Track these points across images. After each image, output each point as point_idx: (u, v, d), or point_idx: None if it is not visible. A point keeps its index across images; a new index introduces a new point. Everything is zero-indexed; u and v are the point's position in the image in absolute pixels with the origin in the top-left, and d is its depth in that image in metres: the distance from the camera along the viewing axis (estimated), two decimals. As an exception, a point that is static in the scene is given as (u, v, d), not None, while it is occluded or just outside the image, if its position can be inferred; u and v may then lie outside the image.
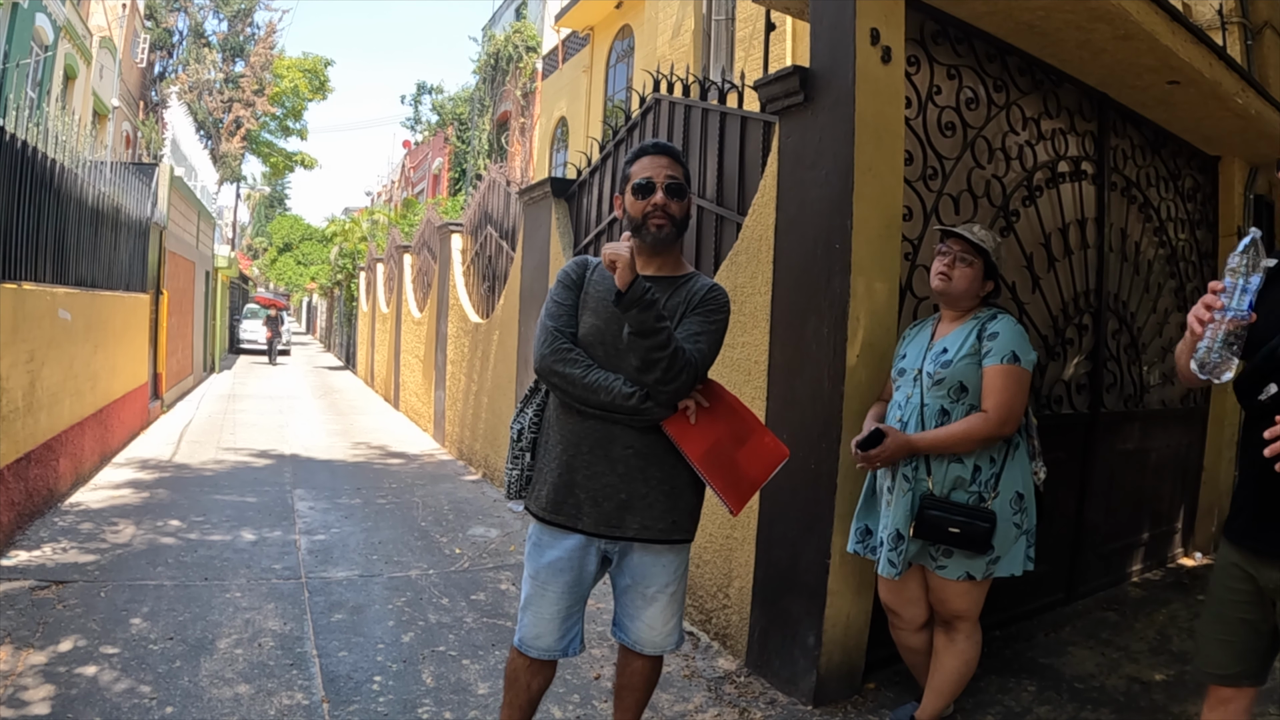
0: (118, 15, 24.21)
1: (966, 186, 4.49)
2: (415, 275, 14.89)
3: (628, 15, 18.89)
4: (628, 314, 2.55)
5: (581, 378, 2.68)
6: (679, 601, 2.93)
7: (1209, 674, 2.58)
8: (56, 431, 6.95)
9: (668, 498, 2.76)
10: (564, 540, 2.79)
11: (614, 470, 2.73)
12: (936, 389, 3.34)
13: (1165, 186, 6.18)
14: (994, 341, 3.30)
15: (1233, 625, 2.49)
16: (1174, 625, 5.15)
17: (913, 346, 3.56)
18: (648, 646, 2.93)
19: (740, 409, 2.84)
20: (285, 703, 3.69)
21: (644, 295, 2.53)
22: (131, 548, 5.81)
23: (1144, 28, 4.44)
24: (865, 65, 3.75)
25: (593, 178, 6.76)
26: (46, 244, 6.88)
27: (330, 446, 11.04)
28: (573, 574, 2.80)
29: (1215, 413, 6.77)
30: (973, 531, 3.21)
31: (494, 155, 27.00)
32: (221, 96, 34.68)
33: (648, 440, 2.73)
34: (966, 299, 3.42)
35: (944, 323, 3.51)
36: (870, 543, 3.57)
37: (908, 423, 3.37)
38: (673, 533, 2.79)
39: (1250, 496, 2.44)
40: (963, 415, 3.30)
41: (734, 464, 2.75)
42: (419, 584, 5.40)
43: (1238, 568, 2.46)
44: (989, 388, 3.29)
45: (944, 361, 3.34)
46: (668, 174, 2.79)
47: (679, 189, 2.79)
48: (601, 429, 2.73)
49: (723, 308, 2.81)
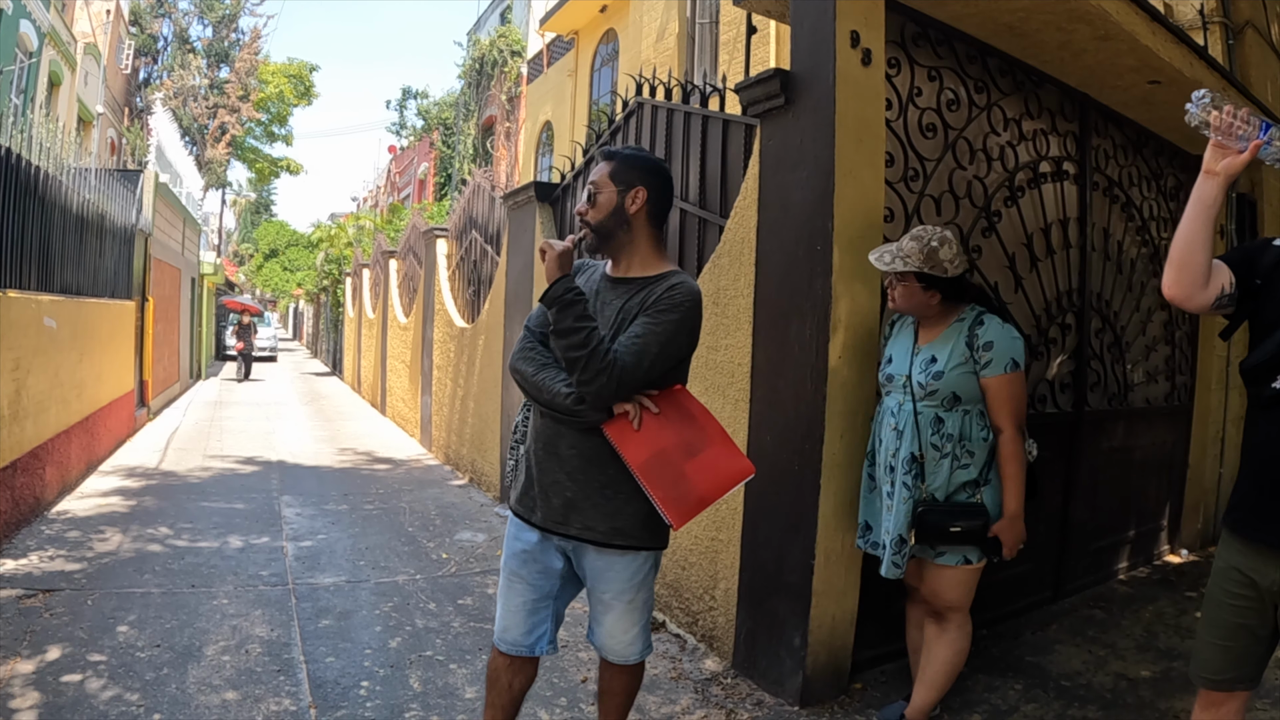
0: (102, 21, 24.13)
1: (948, 187, 4.51)
2: (401, 280, 14.88)
3: (612, 19, 18.90)
4: (549, 311, 2.62)
5: (532, 375, 2.73)
6: (639, 611, 2.87)
7: (1205, 679, 2.54)
8: (43, 440, 6.93)
9: (609, 502, 2.72)
10: (527, 532, 2.84)
11: (562, 468, 2.74)
12: (929, 400, 3.37)
13: (1147, 186, 6.22)
14: (991, 351, 3.32)
15: (1231, 630, 2.46)
16: (1161, 622, 5.17)
17: (896, 348, 3.57)
18: (610, 654, 2.93)
19: (703, 419, 2.75)
20: (273, 709, 3.68)
21: (563, 294, 2.60)
22: (118, 555, 5.79)
23: (1124, 28, 4.47)
24: (846, 67, 3.76)
25: (576, 182, 6.76)
26: (31, 251, 6.86)
27: (317, 453, 11.02)
28: (537, 566, 2.82)
29: (1199, 410, 6.81)
30: (971, 529, 3.29)
31: (479, 160, 26.97)
32: (206, 102, 34.56)
33: (592, 442, 2.70)
34: (923, 309, 3.46)
35: (924, 326, 3.52)
36: (870, 538, 3.62)
37: (903, 430, 3.39)
38: (613, 538, 2.73)
39: (1254, 487, 2.42)
40: (957, 422, 3.34)
41: (680, 476, 2.64)
42: (406, 589, 5.40)
43: (1238, 571, 2.42)
44: (999, 399, 3.34)
45: (935, 373, 3.36)
46: (590, 181, 2.81)
47: (591, 195, 2.79)
48: (552, 427, 2.76)
49: (678, 306, 2.66)
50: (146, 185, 13.23)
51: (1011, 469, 3.34)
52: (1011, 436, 3.33)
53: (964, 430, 3.35)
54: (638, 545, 2.78)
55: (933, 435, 3.35)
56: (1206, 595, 2.57)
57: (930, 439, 3.35)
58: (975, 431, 3.36)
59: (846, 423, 3.82)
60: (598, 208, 2.79)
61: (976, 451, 3.35)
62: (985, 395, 3.37)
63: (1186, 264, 2.40)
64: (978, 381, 3.36)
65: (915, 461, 3.36)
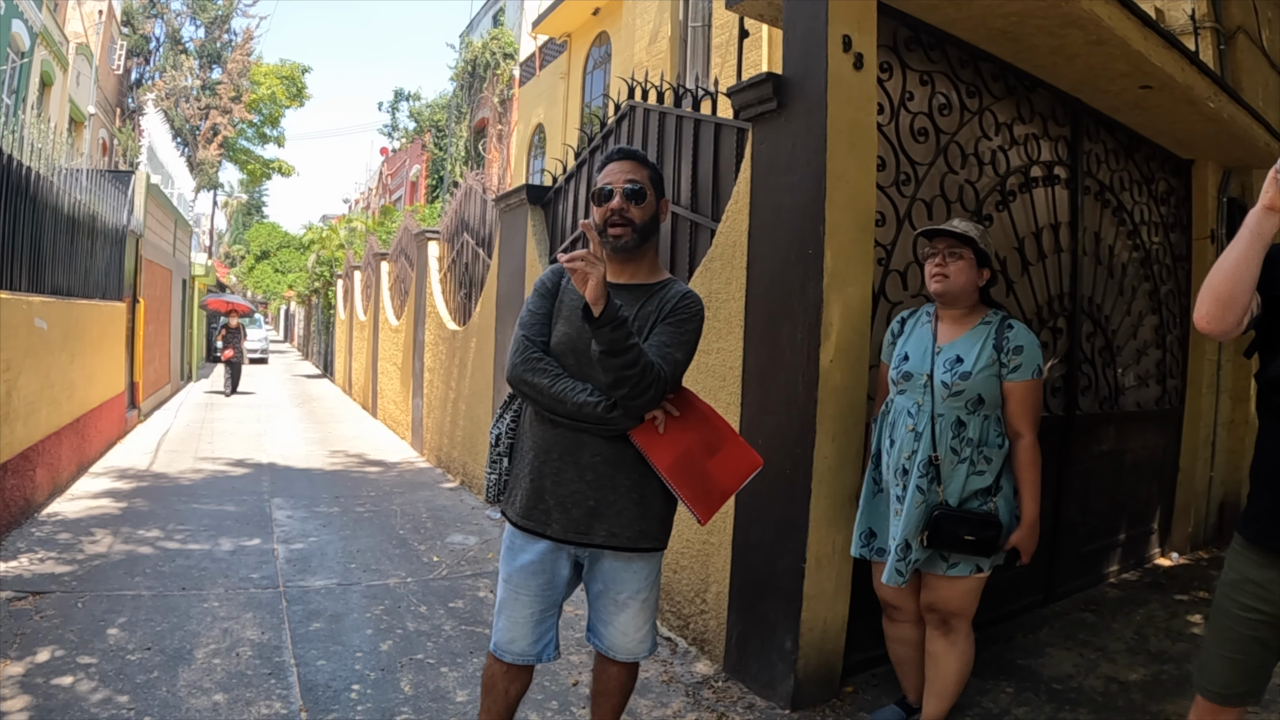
0: (94, 22, 24.05)
1: (940, 191, 4.52)
2: (393, 283, 14.85)
3: (605, 22, 18.90)
4: (598, 332, 2.49)
5: (549, 387, 2.67)
6: (651, 608, 2.93)
7: (1212, 692, 2.46)
8: (33, 441, 6.91)
9: (636, 506, 2.75)
10: (535, 544, 2.79)
11: (582, 477, 2.72)
12: (953, 400, 3.33)
13: (1139, 190, 6.24)
14: (1021, 356, 3.32)
15: (1242, 643, 2.39)
16: (1151, 625, 5.19)
17: (913, 346, 3.51)
18: (621, 653, 2.93)
19: (713, 417, 2.83)
20: (263, 712, 3.67)
21: (617, 314, 2.48)
22: (109, 558, 5.78)
23: (1116, 33, 4.48)
24: (838, 72, 3.77)
25: (568, 184, 6.76)
26: (22, 252, 6.84)
27: (308, 455, 11.00)
28: (545, 577, 2.80)
29: (1190, 413, 6.83)
30: (985, 537, 3.25)
31: (471, 162, 26.95)
32: (198, 103, 34.43)
33: (616, 448, 2.72)
34: (967, 294, 3.42)
35: (945, 323, 3.48)
36: (875, 545, 3.58)
37: (922, 433, 3.34)
38: (640, 540, 2.78)
39: (1277, 499, 2.35)
40: (979, 425, 3.32)
41: (704, 473, 2.73)
42: (397, 592, 5.39)
43: (1252, 584, 2.37)
44: (1021, 405, 3.34)
45: (961, 373, 3.32)
46: (627, 178, 2.74)
47: (638, 193, 2.73)
48: (570, 436, 2.72)
49: (695, 315, 2.76)
50: (138, 186, 13.20)
51: (1030, 475, 3.33)
52: (1031, 443, 3.33)
53: (983, 435, 3.32)
54: (658, 546, 2.84)
55: (953, 439, 3.31)
56: (1216, 608, 2.50)
57: (950, 442, 3.31)
58: (993, 437, 3.33)
59: (838, 426, 3.82)
60: (643, 208, 2.76)
61: (993, 459, 3.33)
62: (1007, 400, 3.35)
63: (1233, 299, 2.25)
64: (1000, 386, 3.35)
65: (932, 465, 3.32)
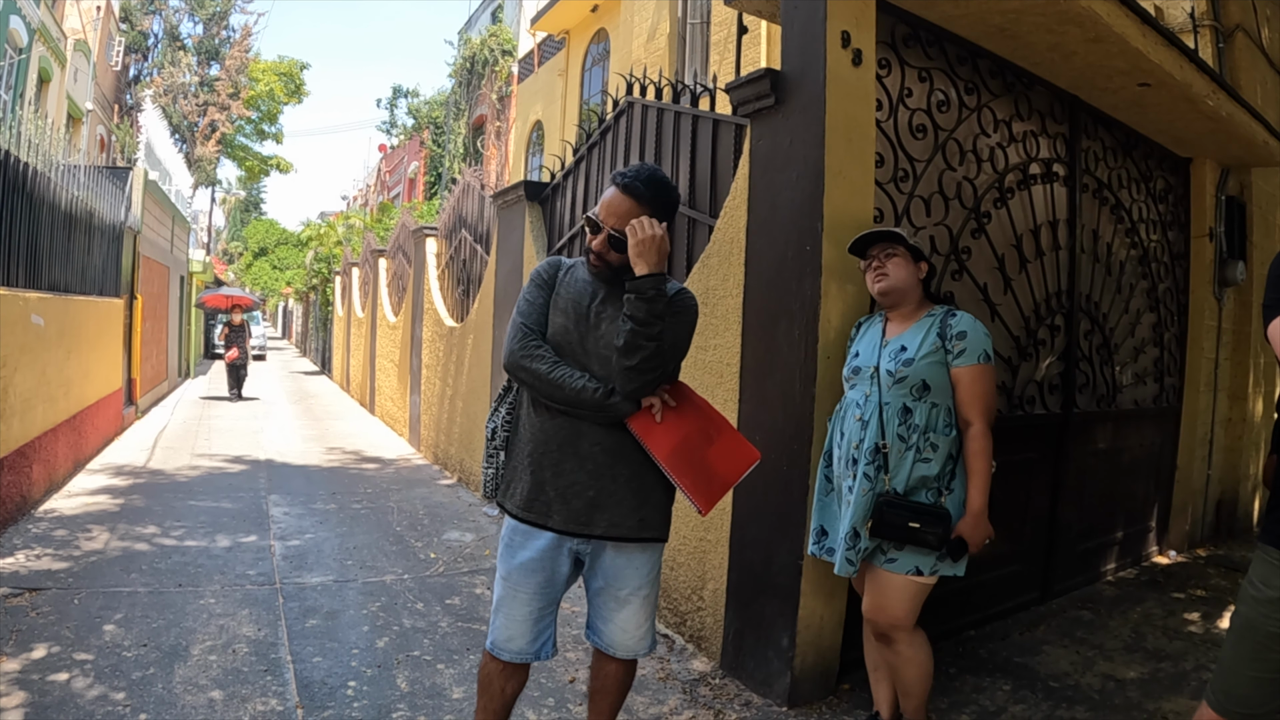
0: (92, 18, 24.02)
1: (938, 188, 4.52)
2: (390, 279, 14.84)
3: (603, 19, 18.88)
4: (641, 296, 2.62)
5: (547, 373, 2.71)
6: (652, 604, 2.94)
7: (1238, 713, 2.31)
8: (30, 438, 6.89)
9: (635, 495, 2.78)
10: (535, 541, 2.80)
11: (582, 467, 2.75)
12: (898, 387, 3.32)
13: (1137, 188, 6.24)
14: (964, 341, 3.29)
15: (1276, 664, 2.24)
16: (1148, 623, 5.19)
17: (864, 344, 3.53)
18: (621, 650, 2.93)
19: (709, 410, 2.87)
20: (260, 709, 3.67)
21: (659, 284, 2.64)
22: (105, 554, 5.77)
23: (1115, 31, 4.48)
24: (836, 68, 3.76)
25: (566, 181, 6.76)
26: (19, 248, 6.82)
27: (305, 452, 10.99)
28: (544, 575, 2.80)
29: (1188, 412, 6.83)
30: (930, 529, 3.19)
31: (469, 159, 26.92)
32: (196, 100, 34.37)
33: (616, 437, 2.75)
34: (911, 289, 3.42)
35: (894, 322, 3.48)
36: (825, 543, 3.55)
37: (869, 421, 3.33)
38: (641, 530, 2.80)
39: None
40: (925, 413, 3.29)
41: (704, 462, 2.76)
42: (394, 589, 5.38)
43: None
44: (970, 391, 3.29)
45: (905, 360, 3.32)
46: (614, 226, 2.74)
47: (621, 244, 2.73)
48: (569, 426, 2.75)
49: (689, 310, 2.86)
50: (135, 183, 13.17)
51: (979, 464, 3.27)
52: (981, 431, 3.28)
53: (930, 422, 3.29)
54: (659, 536, 2.87)
55: (899, 426, 3.29)
56: (1245, 625, 2.32)
57: (897, 429, 3.29)
58: (940, 425, 3.30)
59: (835, 423, 3.82)
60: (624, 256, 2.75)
61: (940, 445, 3.28)
62: (956, 388, 3.32)
63: None
64: (948, 374, 3.32)
65: (879, 452, 3.30)
